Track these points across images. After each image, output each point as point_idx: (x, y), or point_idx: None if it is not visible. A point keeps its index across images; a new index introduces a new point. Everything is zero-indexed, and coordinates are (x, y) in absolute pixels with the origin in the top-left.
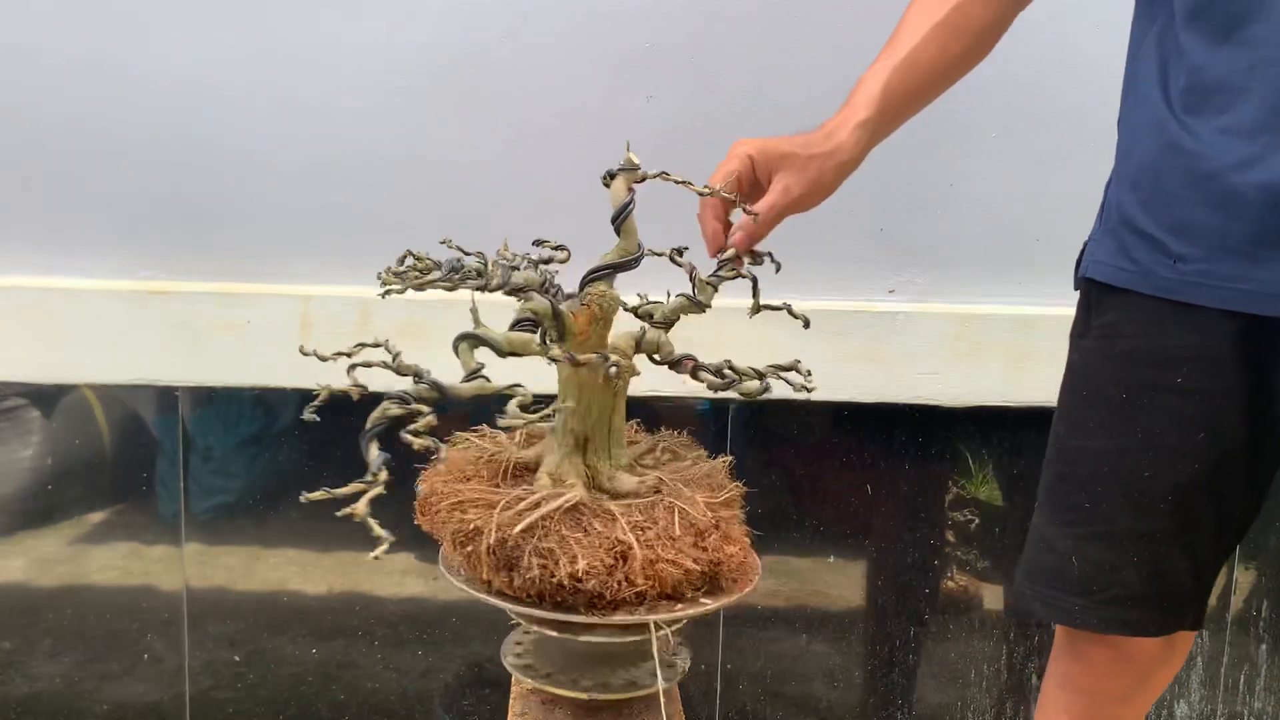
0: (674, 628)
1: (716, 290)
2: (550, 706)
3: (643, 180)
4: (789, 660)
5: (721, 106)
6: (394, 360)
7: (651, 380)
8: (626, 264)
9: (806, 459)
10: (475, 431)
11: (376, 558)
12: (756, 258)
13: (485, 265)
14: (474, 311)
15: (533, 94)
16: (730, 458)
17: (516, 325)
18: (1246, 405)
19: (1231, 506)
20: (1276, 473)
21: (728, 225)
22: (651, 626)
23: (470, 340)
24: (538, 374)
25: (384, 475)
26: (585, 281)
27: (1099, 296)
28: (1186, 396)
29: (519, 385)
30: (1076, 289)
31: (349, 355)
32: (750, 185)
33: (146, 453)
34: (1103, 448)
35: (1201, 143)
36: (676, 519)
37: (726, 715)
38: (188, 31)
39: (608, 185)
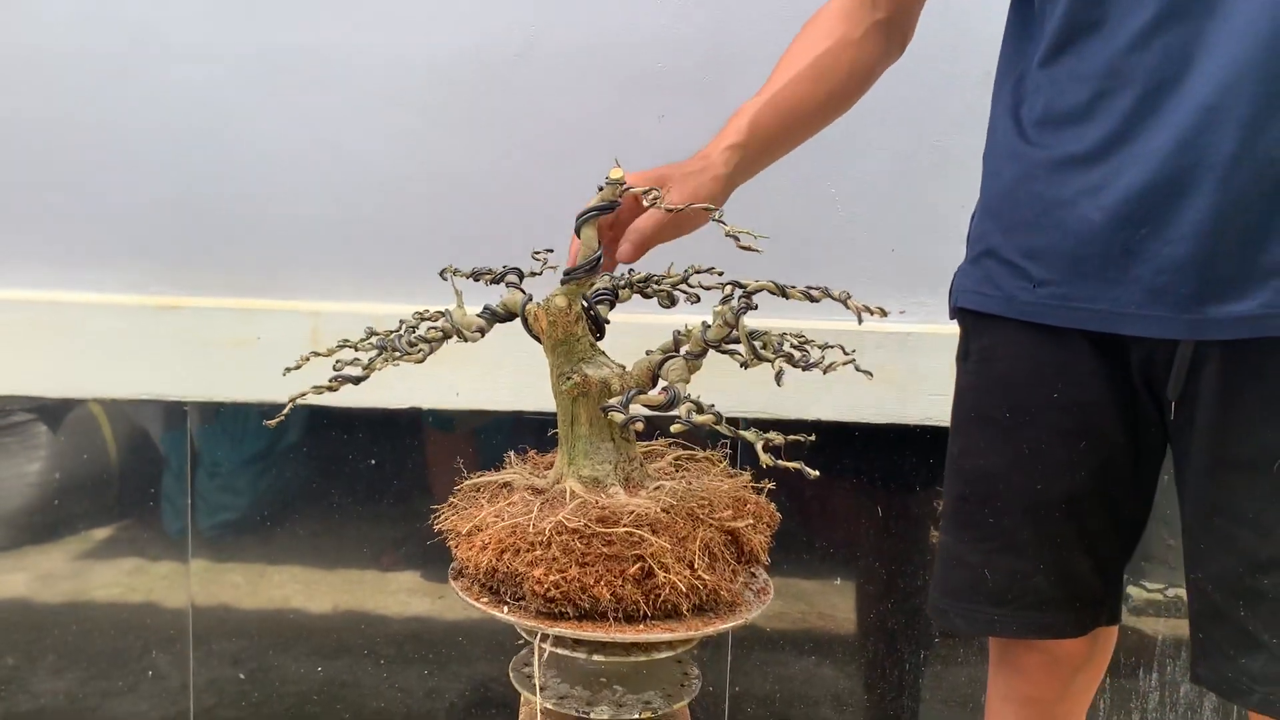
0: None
1: (731, 325)
2: None
3: (620, 194)
4: (797, 683)
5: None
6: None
7: None
8: (585, 266)
9: (815, 480)
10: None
11: None
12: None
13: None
14: (459, 294)
15: (545, 112)
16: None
17: (485, 310)
18: (1120, 413)
19: (1122, 507)
20: (1160, 471)
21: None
22: (538, 641)
23: (445, 314)
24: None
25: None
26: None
27: (973, 323)
28: (1064, 411)
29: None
30: (952, 318)
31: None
32: (633, 210)
33: (153, 468)
34: (995, 465)
35: (1051, 172)
36: (504, 519)
37: None
38: (201, 47)
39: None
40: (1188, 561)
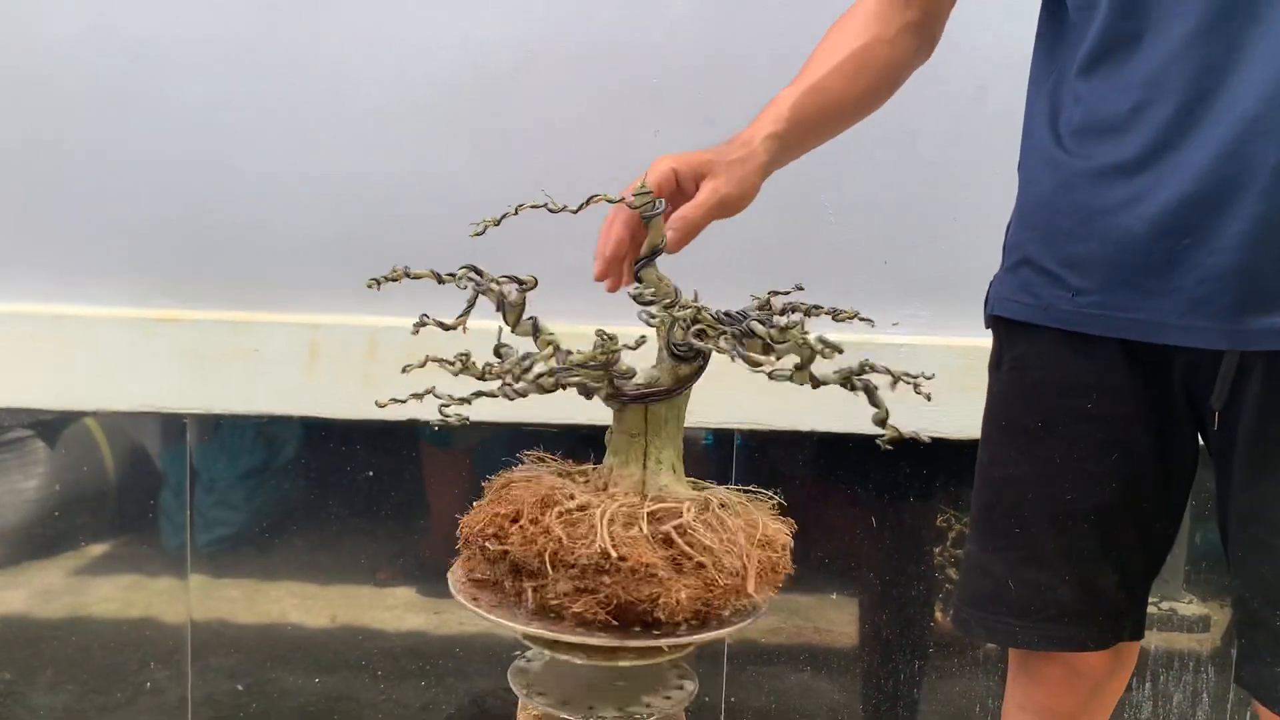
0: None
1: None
2: None
3: (644, 204)
4: (793, 695)
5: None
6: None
7: None
8: (647, 256)
9: (810, 492)
10: None
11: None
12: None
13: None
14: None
15: (542, 128)
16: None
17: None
18: (1152, 427)
19: (1151, 521)
20: (1191, 487)
21: (638, 239)
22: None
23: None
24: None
25: None
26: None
27: (1007, 332)
28: (1096, 422)
29: None
30: (987, 327)
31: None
32: (671, 194)
33: (151, 482)
34: (1024, 475)
35: (1091, 181)
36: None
37: None
38: (202, 63)
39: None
40: (1230, 569)
